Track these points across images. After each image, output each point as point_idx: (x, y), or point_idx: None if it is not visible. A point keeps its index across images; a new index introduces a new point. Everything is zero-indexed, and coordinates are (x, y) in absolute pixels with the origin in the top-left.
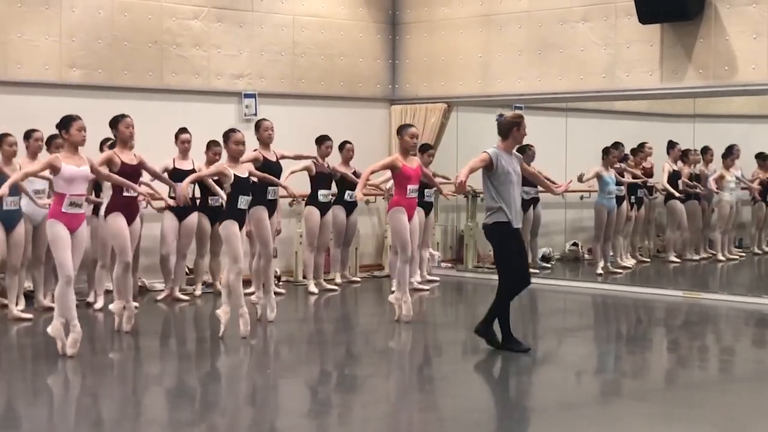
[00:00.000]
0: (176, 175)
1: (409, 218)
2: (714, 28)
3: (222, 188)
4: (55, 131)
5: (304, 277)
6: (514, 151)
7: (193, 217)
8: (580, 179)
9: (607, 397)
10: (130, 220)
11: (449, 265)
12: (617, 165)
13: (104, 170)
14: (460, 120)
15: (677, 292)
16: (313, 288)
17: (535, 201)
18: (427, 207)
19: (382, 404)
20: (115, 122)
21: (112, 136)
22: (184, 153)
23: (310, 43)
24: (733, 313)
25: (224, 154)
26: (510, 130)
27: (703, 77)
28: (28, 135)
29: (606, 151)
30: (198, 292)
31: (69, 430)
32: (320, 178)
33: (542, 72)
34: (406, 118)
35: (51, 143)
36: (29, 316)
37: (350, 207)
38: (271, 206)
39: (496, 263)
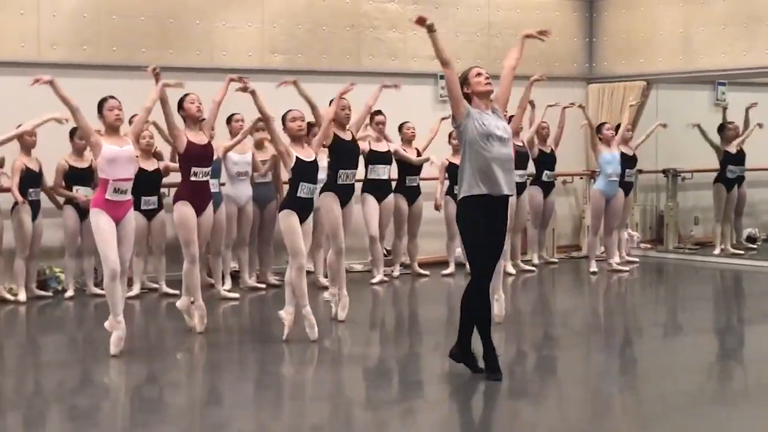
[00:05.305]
0: (373, 158)
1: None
2: None
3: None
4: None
5: None
6: (492, 104)
7: (391, 198)
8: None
9: None
10: (200, 209)
11: (649, 246)
12: None
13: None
14: (660, 98)
15: None
16: (510, 269)
17: (740, 179)
18: (628, 187)
19: (580, 386)
20: (180, 101)
21: None
22: (379, 134)
23: (505, 23)
24: None
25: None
26: (464, 86)
27: None
28: (229, 119)
29: None
30: (396, 274)
31: (275, 404)
32: (516, 158)
33: (749, 46)
34: (603, 98)
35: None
36: (235, 295)
37: (547, 187)
38: (345, 192)
39: (463, 246)
